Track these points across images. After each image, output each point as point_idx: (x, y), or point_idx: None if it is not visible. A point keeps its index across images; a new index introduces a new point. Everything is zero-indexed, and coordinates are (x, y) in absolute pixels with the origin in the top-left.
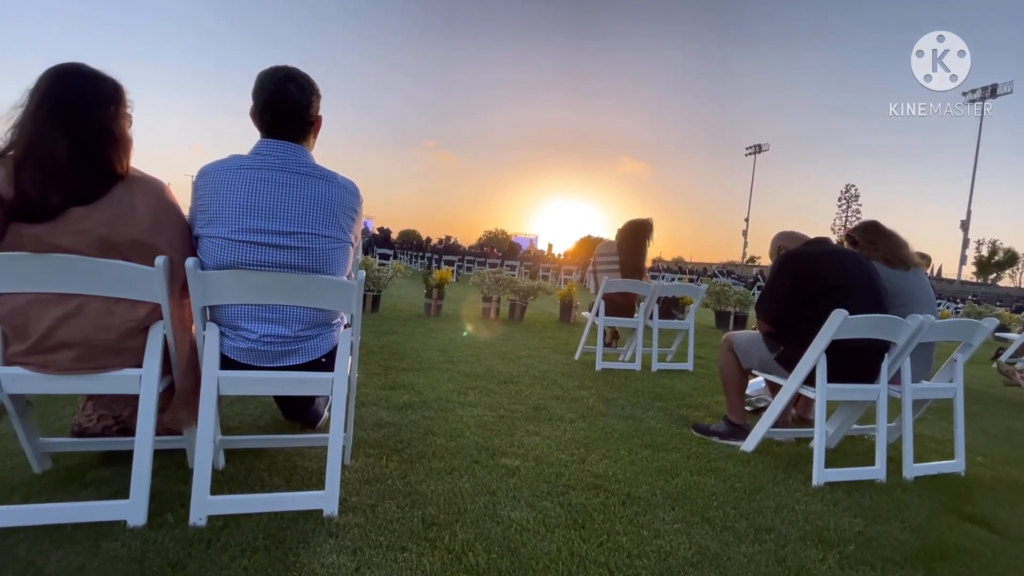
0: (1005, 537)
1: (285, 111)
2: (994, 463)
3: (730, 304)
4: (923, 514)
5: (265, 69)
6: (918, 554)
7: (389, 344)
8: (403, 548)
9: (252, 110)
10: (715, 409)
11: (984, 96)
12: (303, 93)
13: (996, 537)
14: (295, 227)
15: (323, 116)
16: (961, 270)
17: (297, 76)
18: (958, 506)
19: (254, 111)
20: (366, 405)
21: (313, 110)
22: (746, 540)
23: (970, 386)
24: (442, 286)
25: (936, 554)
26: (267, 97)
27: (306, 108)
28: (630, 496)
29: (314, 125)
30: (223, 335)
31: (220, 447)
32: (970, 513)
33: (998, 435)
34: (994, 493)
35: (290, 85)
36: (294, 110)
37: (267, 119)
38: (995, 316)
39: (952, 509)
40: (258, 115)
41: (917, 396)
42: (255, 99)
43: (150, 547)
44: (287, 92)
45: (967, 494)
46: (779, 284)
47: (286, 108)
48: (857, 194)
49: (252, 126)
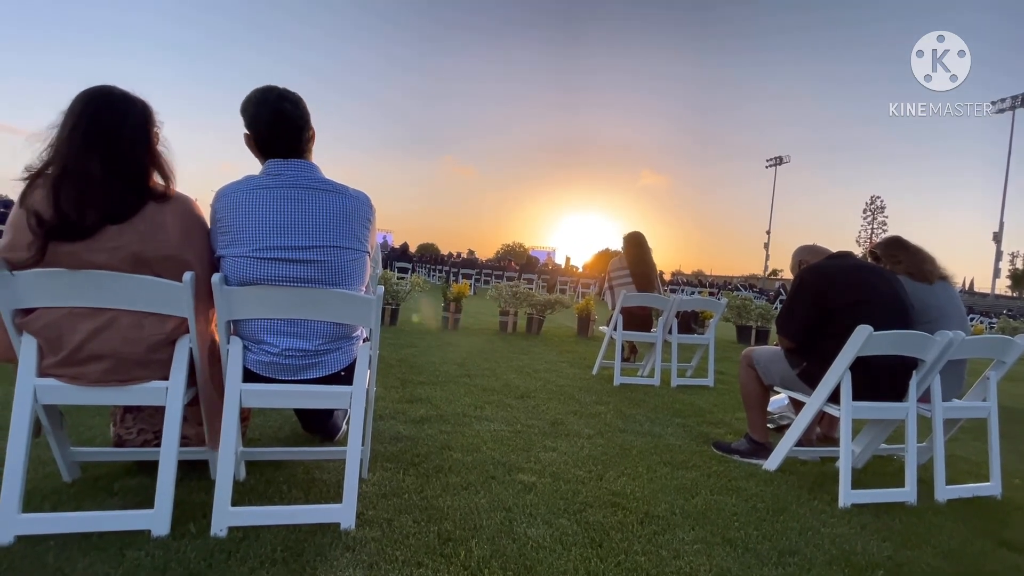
0: None
1: (286, 130)
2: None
3: (752, 318)
4: (957, 539)
5: (251, 95)
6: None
7: (407, 357)
8: (419, 563)
9: (248, 137)
10: (736, 426)
11: (1014, 105)
12: (298, 109)
13: None
14: (312, 241)
15: (341, 131)
16: (995, 284)
17: (289, 95)
18: (994, 531)
19: (252, 137)
20: (384, 418)
21: (309, 124)
22: (769, 563)
23: (1007, 405)
24: (460, 300)
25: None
26: (268, 118)
27: (304, 124)
28: (648, 515)
29: (312, 140)
30: (247, 349)
31: (241, 459)
32: (1008, 539)
33: None
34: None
35: (286, 104)
36: (295, 127)
37: (270, 140)
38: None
39: (988, 534)
40: (259, 139)
41: (948, 415)
42: (253, 125)
43: (172, 557)
44: (285, 111)
45: (1004, 518)
46: (800, 299)
47: (287, 127)
48: (883, 206)
49: None
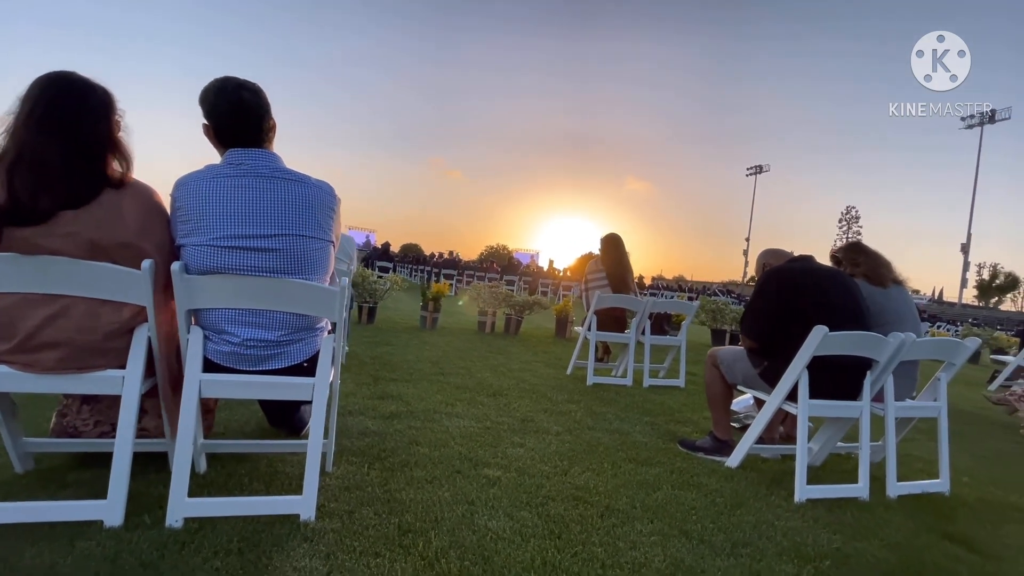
0: (985, 556)
1: (245, 120)
2: (980, 484)
3: (726, 322)
4: (904, 532)
5: (209, 85)
6: (895, 571)
7: (382, 355)
8: (376, 554)
9: (207, 127)
10: (703, 425)
11: (983, 121)
12: (258, 99)
13: (976, 556)
14: (274, 230)
15: (325, 128)
16: (962, 293)
17: (248, 84)
18: (940, 525)
19: (210, 128)
20: (353, 414)
21: (269, 114)
22: (722, 554)
23: (962, 407)
24: (439, 299)
25: (913, 572)
26: (227, 108)
27: (264, 114)
28: (609, 508)
29: (272, 129)
30: (207, 339)
31: (202, 451)
32: (951, 532)
33: (987, 456)
34: (978, 513)
35: (244, 94)
36: (255, 116)
37: (228, 130)
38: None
39: (933, 528)
40: (218, 128)
41: (900, 414)
42: (211, 115)
43: (124, 547)
44: (243, 101)
45: (950, 513)
46: (763, 300)
47: (247, 116)
48: (857, 216)
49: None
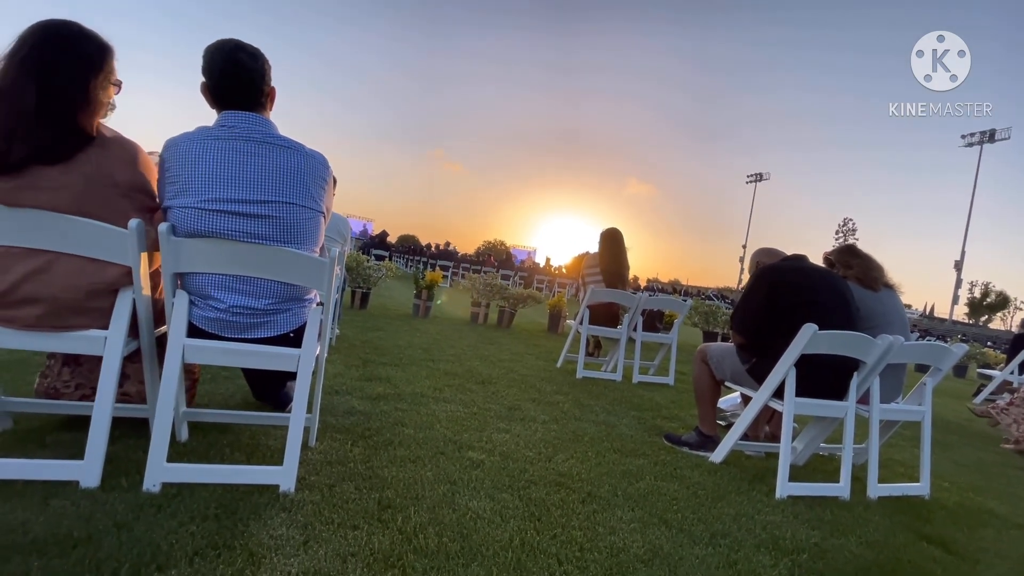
0: (960, 557)
1: (240, 81)
2: (960, 490)
3: (718, 324)
4: (882, 531)
5: (211, 44)
6: (870, 568)
7: (372, 339)
8: (355, 526)
9: (204, 85)
10: (690, 423)
11: (982, 140)
12: (255, 61)
13: (951, 557)
14: (265, 196)
15: (326, 115)
16: (953, 310)
17: (246, 46)
18: (917, 526)
19: (207, 86)
20: (340, 394)
21: (267, 79)
22: (700, 543)
23: (947, 418)
24: (432, 288)
25: (888, 569)
26: (222, 68)
27: (260, 76)
28: (591, 495)
29: (269, 95)
30: (192, 303)
31: (184, 419)
32: (928, 534)
33: (968, 464)
34: (955, 517)
35: (241, 55)
36: (249, 79)
37: (223, 90)
38: (981, 353)
39: (911, 529)
40: (213, 88)
41: (884, 416)
42: (208, 73)
43: (99, 508)
44: (240, 62)
45: (928, 516)
46: (754, 297)
47: (241, 78)
48: (854, 228)
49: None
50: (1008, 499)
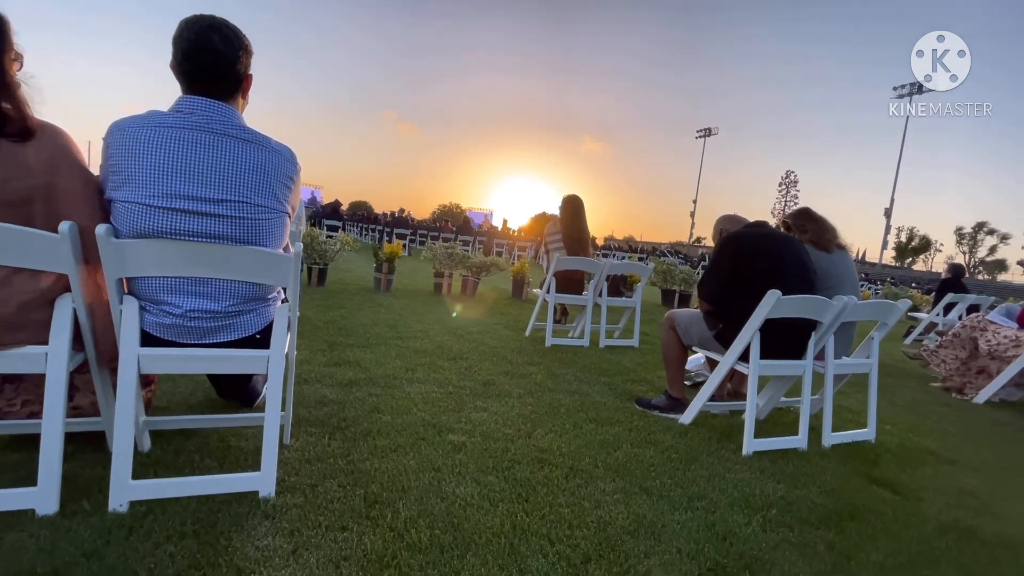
0: (904, 497)
1: (208, 64)
2: (900, 431)
3: (675, 283)
4: (837, 479)
5: (187, 16)
6: (831, 516)
7: (336, 319)
8: (344, 527)
9: (172, 61)
10: (658, 384)
11: (912, 92)
12: (229, 46)
13: (898, 498)
14: (224, 194)
15: (280, 77)
16: (882, 254)
17: (222, 26)
18: (867, 471)
19: (174, 62)
20: (309, 382)
21: (241, 66)
22: (680, 508)
23: (882, 360)
24: (393, 260)
25: (846, 515)
26: (188, 47)
27: (232, 63)
28: (573, 469)
29: (243, 84)
30: (143, 309)
31: (144, 428)
32: (877, 477)
33: (904, 406)
34: (899, 458)
35: (214, 36)
36: (218, 64)
37: (188, 72)
38: (908, 297)
39: (862, 473)
40: (178, 67)
41: (838, 371)
42: (175, 48)
43: (62, 537)
44: (211, 43)
45: (876, 459)
46: (720, 265)
47: (209, 61)
48: (796, 180)
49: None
50: (940, 436)
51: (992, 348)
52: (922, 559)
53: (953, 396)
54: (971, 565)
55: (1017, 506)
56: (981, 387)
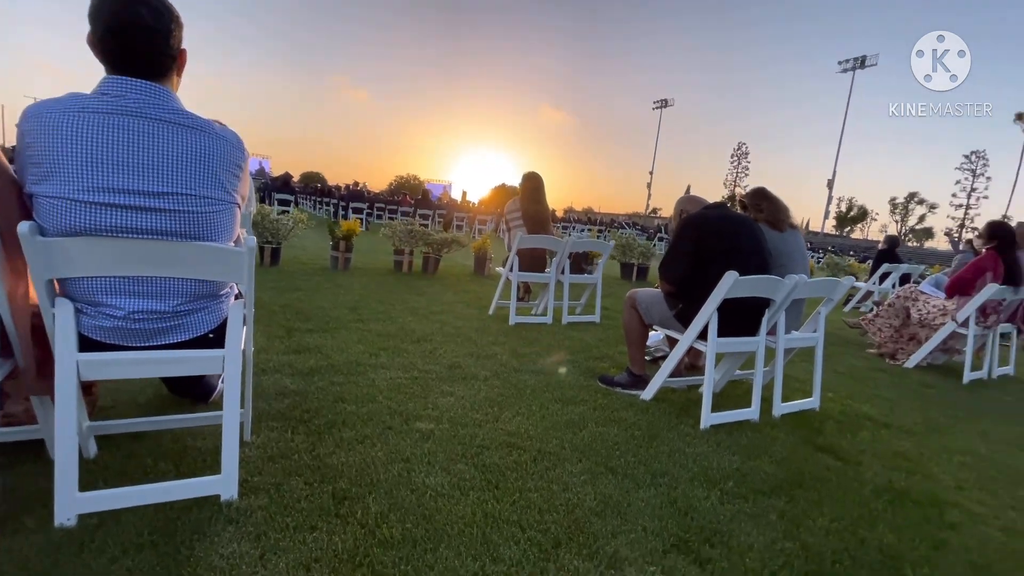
0: (846, 462)
1: (138, 42)
2: (841, 398)
3: (635, 256)
4: (786, 448)
5: None
6: (782, 485)
7: (292, 302)
8: (312, 527)
9: (90, 36)
10: (619, 360)
11: (855, 67)
12: (159, 19)
13: (840, 463)
14: (166, 186)
15: (217, 39)
16: (824, 223)
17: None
18: (813, 438)
19: (93, 38)
20: (268, 372)
21: (175, 41)
22: (644, 485)
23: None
24: (350, 238)
25: (795, 483)
26: (112, 22)
27: (164, 38)
28: (541, 452)
29: (177, 60)
30: (80, 312)
31: (89, 434)
32: (822, 444)
33: (844, 373)
34: (841, 425)
35: (141, 9)
36: (150, 41)
37: (111, 49)
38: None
39: (809, 442)
40: (99, 44)
41: (788, 345)
42: (93, 21)
43: (4, 558)
44: (137, 16)
45: (820, 427)
46: (681, 248)
47: (136, 37)
48: (747, 152)
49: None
50: (877, 402)
51: (922, 316)
52: (862, 521)
53: (887, 362)
54: (903, 525)
55: (943, 465)
56: (912, 353)
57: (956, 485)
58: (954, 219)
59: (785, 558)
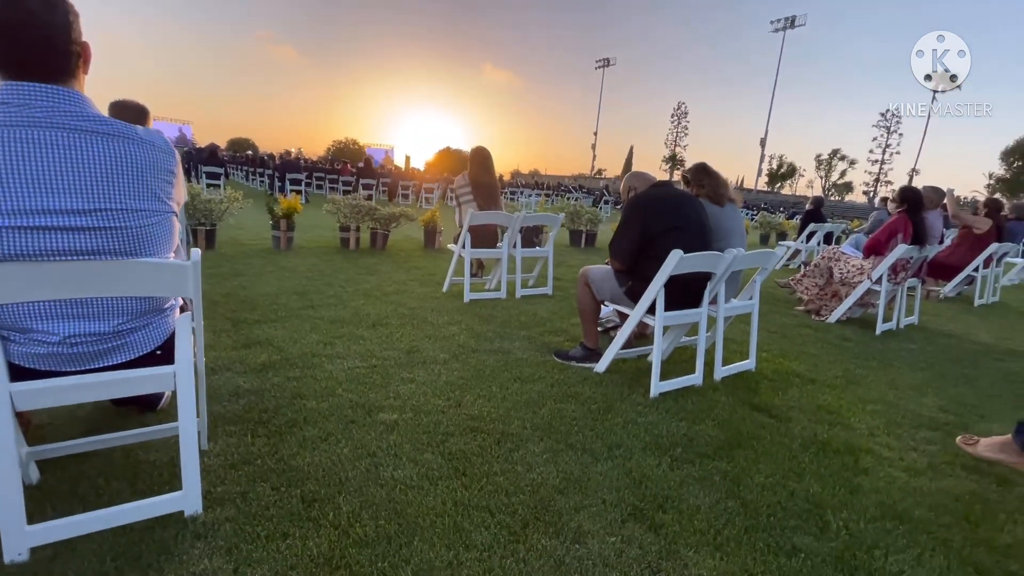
0: (778, 420)
1: (34, 42)
2: (773, 357)
3: (582, 224)
4: (727, 410)
5: None
6: (723, 446)
7: (235, 290)
8: (285, 535)
9: None
10: (572, 332)
11: (785, 27)
12: (53, 12)
13: (774, 421)
14: (94, 203)
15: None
16: (757, 181)
17: None
18: (749, 399)
19: None
20: (218, 371)
21: (75, 34)
22: (601, 459)
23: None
24: (291, 216)
25: (735, 444)
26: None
27: (63, 33)
28: (504, 434)
29: (81, 56)
30: (7, 340)
31: (29, 460)
32: (757, 403)
33: (775, 331)
34: (773, 384)
35: (32, 3)
36: (48, 39)
37: (4, 53)
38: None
39: (746, 402)
40: None
41: (728, 313)
42: None
43: None
44: (30, 14)
45: (756, 387)
46: (630, 228)
47: (35, 37)
48: (686, 111)
49: None
50: (804, 358)
51: (843, 275)
52: (791, 474)
53: (812, 318)
54: (826, 474)
55: (858, 415)
56: (834, 309)
57: (869, 432)
58: (870, 174)
59: (728, 516)
